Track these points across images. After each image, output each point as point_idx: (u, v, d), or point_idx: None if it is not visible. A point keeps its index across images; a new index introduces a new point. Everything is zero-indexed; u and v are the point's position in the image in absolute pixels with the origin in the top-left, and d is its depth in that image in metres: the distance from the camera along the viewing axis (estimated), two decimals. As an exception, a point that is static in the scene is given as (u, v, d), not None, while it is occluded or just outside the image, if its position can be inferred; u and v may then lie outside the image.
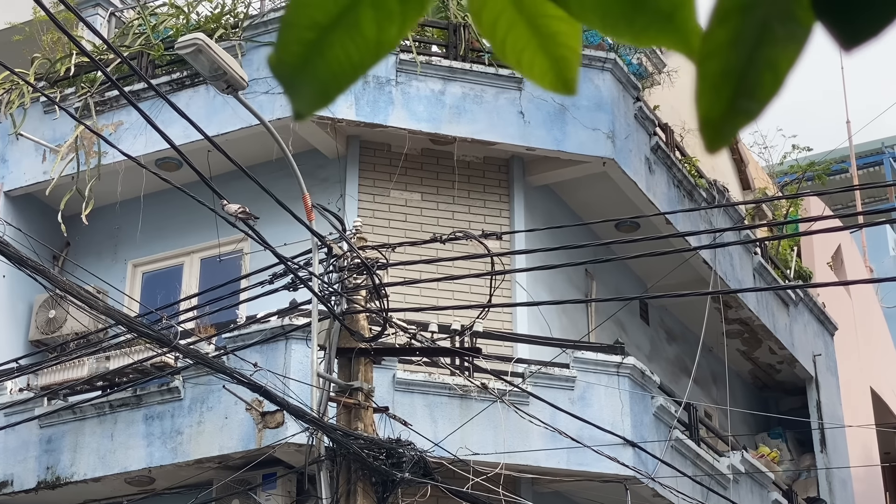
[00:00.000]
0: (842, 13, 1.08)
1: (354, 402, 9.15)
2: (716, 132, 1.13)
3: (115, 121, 13.28)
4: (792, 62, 1.13)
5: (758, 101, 1.13)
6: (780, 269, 17.25)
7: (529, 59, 1.23)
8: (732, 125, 1.13)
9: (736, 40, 1.11)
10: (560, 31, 1.22)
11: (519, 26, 1.22)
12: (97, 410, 11.64)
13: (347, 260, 9.34)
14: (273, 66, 1.18)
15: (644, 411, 12.03)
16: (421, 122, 12.67)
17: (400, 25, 1.19)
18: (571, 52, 1.23)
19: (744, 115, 1.13)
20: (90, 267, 13.30)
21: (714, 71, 1.12)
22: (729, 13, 1.11)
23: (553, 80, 1.24)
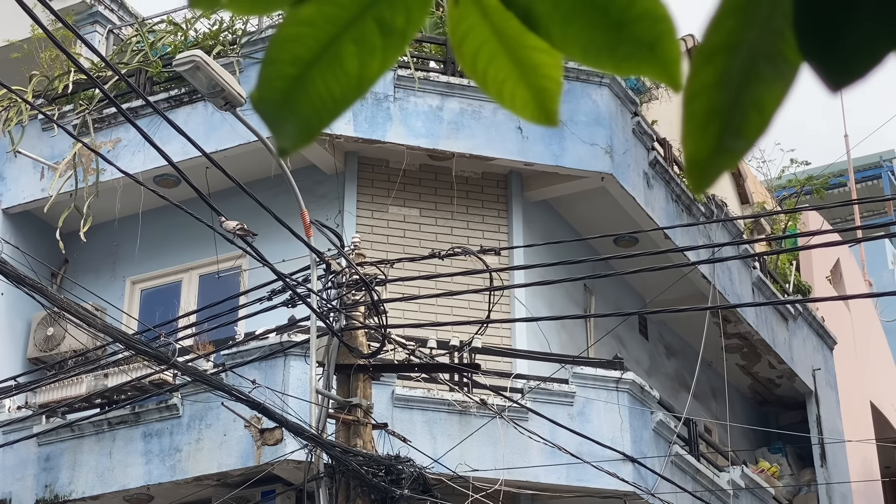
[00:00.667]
0: (829, 54, 1.07)
1: (353, 419, 9.13)
2: (702, 172, 1.13)
3: (113, 138, 13.28)
4: (779, 101, 1.12)
5: (744, 140, 1.12)
6: (779, 283, 17.24)
7: (511, 91, 1.23)
8: (719, 165, 1.12)
9: (722, 80, 1.10)
10: (541, 62, 1.21)
11: (500, 58, 1.21)
12: (95, 428, 11.61)
13: (346, 276, 9.32)
14: (255, 102, 1.17)
15: (643, 427, 12.01)
16: (419, 138, 12.67)
17: (382, 60, 1.18)
18: (553, 83, 1.23)
19: (730, 154, 1.12)
20: (89, 284, 13.29)
21: (701, 110, 1.11)
22: (715, 52, 1.10)
23: (534, 111, 1.24)
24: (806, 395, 17.44)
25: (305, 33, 1.16)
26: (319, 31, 1.16)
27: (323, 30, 1.16)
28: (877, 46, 1.07)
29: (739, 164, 18.80)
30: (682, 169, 15.05)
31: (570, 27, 1.15)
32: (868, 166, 31.55)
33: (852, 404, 18.77)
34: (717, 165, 1.12)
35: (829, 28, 1.06)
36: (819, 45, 1.07)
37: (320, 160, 12.88)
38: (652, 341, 15.55)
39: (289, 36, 1.16)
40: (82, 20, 14.94)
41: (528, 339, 12.68)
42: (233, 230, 8.46)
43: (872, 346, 21.30)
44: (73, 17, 14.72)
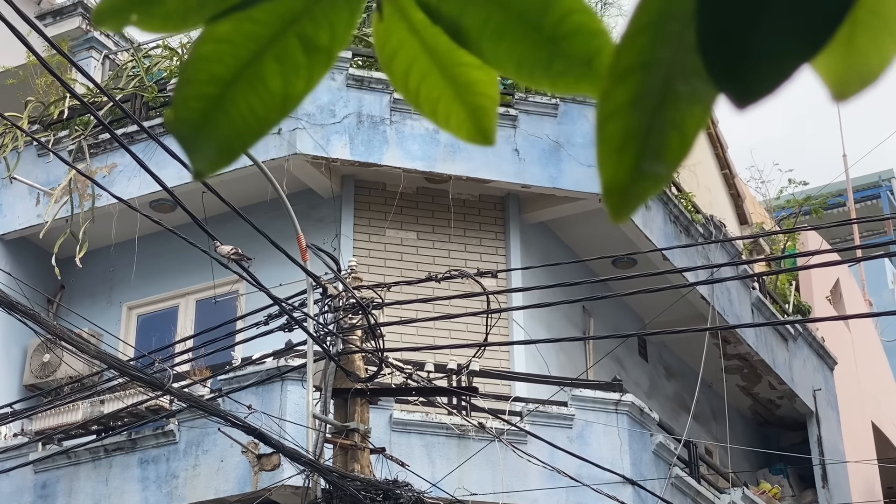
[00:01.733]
0: (734, 70, 1.02)
1: (351, 444, 9.07)
2: (622, 199, 1.07)
3: (109, 163, 13.26)
4: (700, 122, 1.07)
5: (665, 163, 1.06)
6: (778, 303, 17.19)
7: (445, 110, 1.19)
8: (639, 191, 1.07)
9: (637, 100, 1.05)
10: (476, 79, 1.18)
11: (433, 75, 1.18)
12: (92, 455, 11.55)
13: (342, 300, 9.28)
14: (170, 123, 1.12)
15: (643, 449, 11.94)
16: (416, 161, 12.66)
17: (307, 78, 1.14)
18: (489, 101, 1.19)
19: (651, 179, 1.07)
20: (85, 310, 13.24)
21: (615, 133, 1.06)
22: (628, 72, 1.05)
23: (470, 130, 1.20)
24: (807, 415, 17.38)
25: (224, 51, 1.12)
26: (239, 49, 1.12)
27: (243, 47, 1.12)
28: (785, 61, 1.01)
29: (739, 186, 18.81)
30: (680, 190, 15.06)
31: (501, 43, 1.11)
32: (867, 186, 31.57)
33: (853, 425, 18.70)
34: (638, 191, 1.07)
35: (733, 43, 1.01)
36: (724, 62, 1.02)
37: (317, 184, 12.86)
38: (652, 363, 15.50)
39: (206, 54, 1.12)
40: (78, 46, 14.94)
41: (526, 362, 12.64)
42: (227, 254, 8.42)
43: (873, 366, 21.24)
44: (69, 43, 14.71)
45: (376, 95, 12.76)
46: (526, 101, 13.11)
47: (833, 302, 19.95)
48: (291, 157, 12.34)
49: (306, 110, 12.49)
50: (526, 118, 13.06)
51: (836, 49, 1.04)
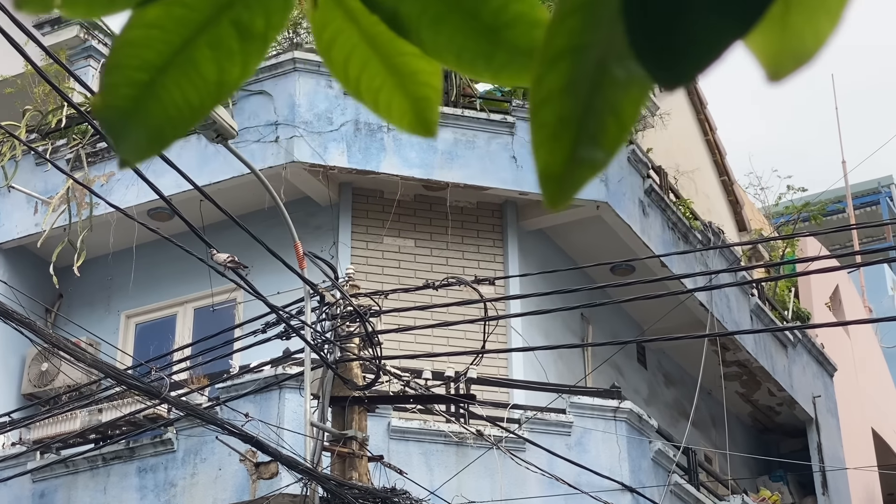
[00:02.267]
0: (662, 52, 0.99)
1: (349, 451, 9.06)
2: (558, 186, 1.05)
3: (106, 171, 13.26)
4: (637, 106, 1.04)
5: (603, 149, 1.04)
6: (777, 310, 17.18)
7: (387, 100, 1.17)
8: (576, 178, 1.05)
9: (570, 85, 1.03)
10: (418, 69, 1.15)
11: (373, 64, 1.15)
12: (90, 464, 11.53)
13: (340, 308, 9.27)
14: (97, 110, 1.10)
15: (642, 456, 11.92)
16: (413, 168, 12.65)
17: (242, 65, 1.12)
18: (432, 92, 1.16)
19: (588, 165, 1.04)
20: (84, 318, 13.24)
21: (550, 119, 1.03)
22: (560, 56, 1.02)
23: (412, 121, 1.17)
24: (806, 422, 17.36)
25: (154, 37, 1.09)
26: (170, 35, 1.09)
27: (174, 33, 1.09)
28: (714, 40, 0.98)
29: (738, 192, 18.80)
30: (679, 197, 15.05)
31: (440, 32, 1.09)
32: (866, 192, 31.57)
33: (853, 431, 18.68)
34: (575, 178, 1.04)
35: (661, 21, 0.98)
36: (650, 41, 0.99)
37: (314, 192, 12.86)
38: (651, 370, 15.48)
39: (136, 39, 1.09)
40: (76, 55, 14.95)
41: (524, 369, 12.62)
42: (223, 263, 8.41)
43: (873, 372, 21.22)
44: (67, 52, 14.72)
45: (374, 103, 12.76)
46: (523, 107, 13.11)
47: (832, 308, 19.93)
48: (289, 164, 12.34)
49: (303, 118, 12.49)
50: (523, 125, 13.06)
51: (769, 27, 1.02)
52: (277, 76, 12.65)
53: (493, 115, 13.02)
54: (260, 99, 12.67)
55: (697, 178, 16.50)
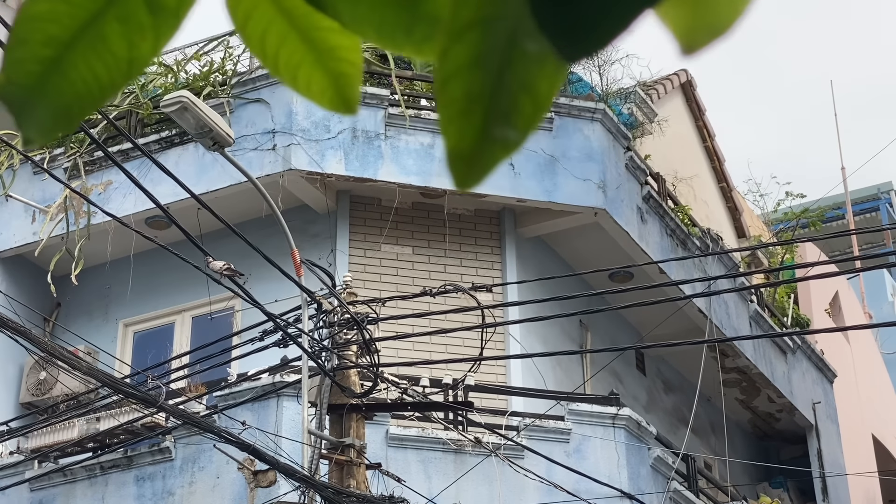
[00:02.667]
0: (564, 22, 0.95)
1: (346, 459, 9.04)
2: (468, 166, 1.01)
3: (104, 180, 13.25)
4: (553, 84, 1.00)
5: (517, 128, 1.00)
6: (777, 317, 17.16)
7: (306, 77, 1.13)
8: (488, 157, 1.01)
9: (479, 59, 0.99)
10: (338, 45, 1.11)
11: (292, 40, 1.11)
12: (88, 472, 11.52)
13: (337, 315, 9.26)
14: (1, 87, 1.07)
15: (641, 463, 11.90)
16: (411, 176, 12.65)
17: (153, 41, 1.09)
18: (352, 68, 1.12)
19: (501, 145, 1.01)
20: (82, 327, 13.23)
21: (458, 95, 1.00)
22: (467, 28, 0.98)
23: (333, 98, 1.13)
24: (806, 428, 17.34)
25: (60, 11, 1.06)
26: (77, 9, 1.06)
27: (80, 7, 1.06)
28: (621, 11, 0.95)
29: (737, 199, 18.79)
30: (677, 203, 15.04)
31: (358, 4, 1.05)
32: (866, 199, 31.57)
33: (854, 437, 18.66)
34: (486, 158, 1.01)
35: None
36: (552, 12, 0.95)
37: (312, 199, 12.85)
38: (650, 377, 15.46)
39: (40, 14, 1.06)
40: (74, 63, 14.95)
41: (523, 376, 12.61)
42: (219, 270, 8.40)
43: (873, 378, 21.20)
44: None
45: (371, 111, 12.77)
46: (521, 115, 13.10)
47: (832, 315, 19.91)
48: (286, 172, 12.33)
49: (301, 126, 12.49)
50: (521, 132, 13.05)
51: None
52: (274, 84, 12.65)
53: (491, 122, 13.01)
54: (257, 107, 12.67)
55: (696, 184, 16.49)
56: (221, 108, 12.51)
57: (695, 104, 18.02)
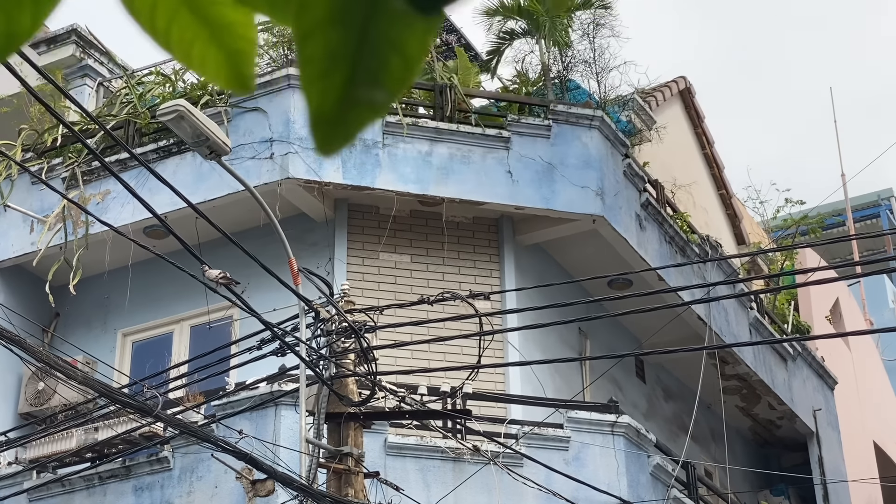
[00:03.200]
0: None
1: (344, 468, 9.01)
2: (331, 129, 0.97)
3: (102, 189, 13.25)
4: (423, 43, 0.97)
5: (385, 90, 0.97)
6: (777, 324, 17.14)
7: (201, 53, 1.09)
8: (353, 120, 0.97)
9: (338, 14, 0.95)
10: (234, 20, 1.07)
11: (183, 14, 1.07)
12: (86, 482, 11.49)
13: (335, 324, 9.24)
14: None
15: (640, 470, 11.88)
16: (409, 184, 12.64)
17: (33, 14, 1.05)
18: (247, 44, 1.09)
19: (367, 107, 0.97)
20: (80, 337, 13.22)
21: (318, 53, 0.96)
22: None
23: (228, 76, 1.10)
24: (807, 435, 17.30)
25: None
26: None
27: None
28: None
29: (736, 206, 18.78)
30: (676, 210, 15.03)
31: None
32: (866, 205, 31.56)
33: (855, 444, 18.63)
34: (351, 121, 0.97)
35: None
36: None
37: (310, 208, 12.84)
38: (650, 385, 15.44)
39: None
40: (72, 74, 14.97)
41: (522, 384, 12.58)
42: (215, 279, 8.38)
43: (874, 385, 21.17)
44: (64, 71, 14.74)
45: (368, 119, 12.75)
46: (518, 122, 13.11)
47: (833, 321, 19.89)
48: (284, 181, 12.32)
49: (298, 134, 12.48)
50: (519, 140, 13.05)
51: None
52: (272, 93, 12.65)
53: (489, 129, 13.02)
54: (255, 116, 12.66)
55: (695, 191, 16.48)
56: (219, 117, 12.52)
57: (693, 111, 18.01)
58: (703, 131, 18.17)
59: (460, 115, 13.17)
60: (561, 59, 14.24)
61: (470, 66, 14.15)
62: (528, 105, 13.57)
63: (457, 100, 13.20)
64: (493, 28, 14.60)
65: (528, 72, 14.38)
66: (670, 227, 14.41)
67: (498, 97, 14.08)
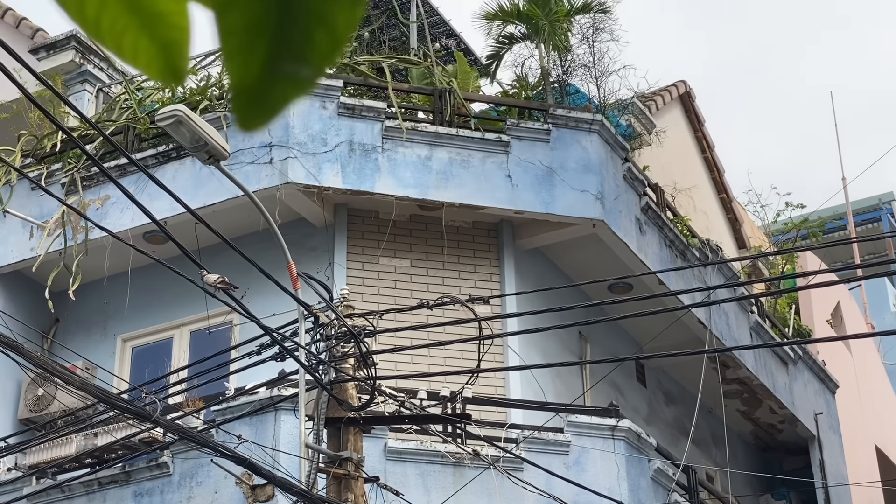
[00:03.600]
0: None
1: (344, 473, 8.99)
2: (253, 104, 0.94)
3: (102, 195, 13.24)
4: (351, 17, 0.95)
5: (310, 64, 0.94)
6: (778, 327, 17.11)
7: (132, 44, 1.06)
8: (277, 96, 0.94)
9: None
10: (165, 10, 1.05)
11: (112, 4, 1.04)
12: (86, 488, 11.48)
13: (334, 328, 9.22)
14: None
15: (641, 475, 11.86)
16: (408, 189, 12.62)
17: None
18: (180, 34, 1.06)
19: (292, 82, 0.94)
20: (80, 343, 13.21)
21: (238, 26, 0.93)
22: None
23: (161, 68, 1.07)
24: (809, 439, 17.28)
25: None
26: None
27: None
28: None
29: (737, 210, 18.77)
30: (676, 214, 15.01)
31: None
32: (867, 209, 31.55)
33: (856, 448, 18.60)
34: (274, 96, 0.94)
35: None
36: None
37: (309, 213, 12.83)
38: (650, 389, 15.41)
39: None
40: (72, 79, 14.96)
41: (522, 388, 12.56)
42: (213, 284, 8.36)
43: (875, 389, 21.14)
44: (63, 77, 14.74)
45: (368, 123, 12.75)
46: (518, 126, 13.10)
47: (834, 325, 19.87)
48: (283, 186, 12.32)
49: (298, 139, 12.48)
50: (518, 144, 13.04)
51: None
52: (271, 98, 12.63)
53: (488, 133, 13.00)
54: (254, 121, 12.64)
55: (695, 195, 16.47)
56: (218, 122, 12.51)
57: (694, 115, 18.01)
58: (704, 135, 18.17)
59: (460, 120, 13.17)
60: (560, 64, 14.23)
61: (469, 71, 14.15)
62: (527, 109, 13.56)
63: (456, 104, 13.19)
64: (492, 32, 14.60)
65: (527, 76, 14.38)
66: (670, 230, 14.39)
67: (497, 101, 14.07)
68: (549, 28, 13.85)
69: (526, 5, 14.12)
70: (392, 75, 13.45)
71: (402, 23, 14.99)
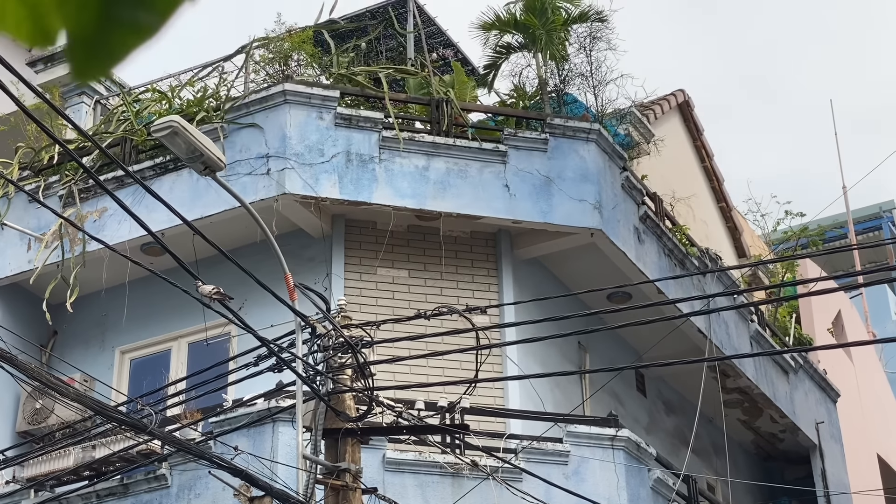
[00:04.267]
0: None
1: (342, 484, 8.96)
2: (90, 52, 0.90)
3: (99, 207, 13.23)
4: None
5: (152, 11, 0.89)
6: (778, 336, 17.07)
7: (1, 7, 1.03)
8: (116, 44, 0.89)
9: None
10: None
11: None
12: (84, 501, 11.45)
13: (332, 339, 9.20)
14: None
15: (641, 485, 11.82)
16: (406, 199, 12.61)
17: None
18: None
19: (131, 30, 0.89)
20: (78, 355, 13.19)
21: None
22: None
23: (31, 30, 1.03)
24: (810, 448, 17.24)
25: None
26: None
27: None
28: None
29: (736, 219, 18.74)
30: (675, 223, 14.99)
31: None
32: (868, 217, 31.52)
33: (858, 457, 18.55)
34: (113, 44, 0.89)
35: None
36: None
37: (307, 224, 12.81)
38: (650, 398, 15.38)
39: None
40: (70, 91, 14.97)
41: (521, 398, 12.53)
42: (209, 295, 8.34)
43: (877, 397, 21.10)
44: (61, 89, 14.75)
45: (365, 134, 12.74)
46: (516, 136, 13.08)
47: (835, 334, 19.83)
48: (280, 197, 12.30)
49: (295, 150, 12.46)
50: (516, 154, 13.02)
51: None
52: (268, 108, 12.64)
53: (486, 143, 12.99)
54: (251, 131, 12.64)
55: (695, 204, 16.44)
56: (215, 133, 12.51)
57: (692, 124, 17.99)
58: (703, 144, 18.15)
59: (457, 130, 13.15)
60: (558, 73, 14.22)
61: (466, 81, 14.13)
62: (525, 119, 13.55)
63: (453, 114, 13.18)
64: (489, 42, 14.59)
65: (524, 86, 14.36)
66: (669, 240, 14.37)
67: (495, 111, 14.06)
68: (546, 37, 13.85)
69: (523, 15, 14.12)
70: (389, 86, 13.44)
71: (398, 33, 14.99)
